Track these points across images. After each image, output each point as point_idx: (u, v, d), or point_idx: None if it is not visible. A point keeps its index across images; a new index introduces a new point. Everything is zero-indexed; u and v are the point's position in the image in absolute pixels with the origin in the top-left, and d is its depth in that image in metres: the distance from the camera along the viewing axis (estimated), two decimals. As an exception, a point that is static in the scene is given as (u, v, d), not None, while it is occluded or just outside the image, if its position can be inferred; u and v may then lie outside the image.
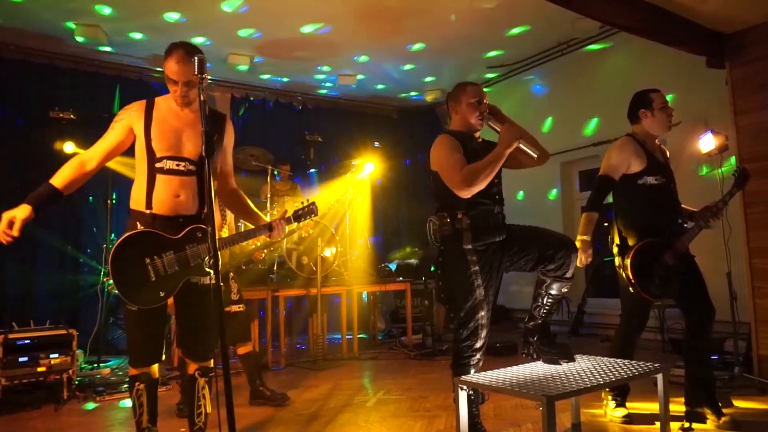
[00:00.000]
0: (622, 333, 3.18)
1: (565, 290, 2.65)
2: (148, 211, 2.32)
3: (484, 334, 2.60)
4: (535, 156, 2.61)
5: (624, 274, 3.03)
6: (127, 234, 2.30)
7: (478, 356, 2.63)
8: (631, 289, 3.00)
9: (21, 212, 2.21)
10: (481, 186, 2.52)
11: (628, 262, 3.00)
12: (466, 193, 2.52)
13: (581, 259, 2.93)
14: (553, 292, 2.64)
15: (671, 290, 3.04)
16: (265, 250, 4.19)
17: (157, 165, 2.32)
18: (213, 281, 2.32)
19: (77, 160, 2.36)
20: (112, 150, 2.38)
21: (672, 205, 3.11)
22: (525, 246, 2.64)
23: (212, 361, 2.50)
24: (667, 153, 3.27)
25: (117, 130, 2.36)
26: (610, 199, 3.23)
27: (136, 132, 2.35)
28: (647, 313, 3.17)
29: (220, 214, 3.76)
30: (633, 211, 3.10)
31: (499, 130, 2.64)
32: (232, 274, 3.79)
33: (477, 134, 2.80)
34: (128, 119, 2.36)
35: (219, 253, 2.38)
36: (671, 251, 3.01)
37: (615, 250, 3.16)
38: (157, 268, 2.29)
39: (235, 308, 3.70)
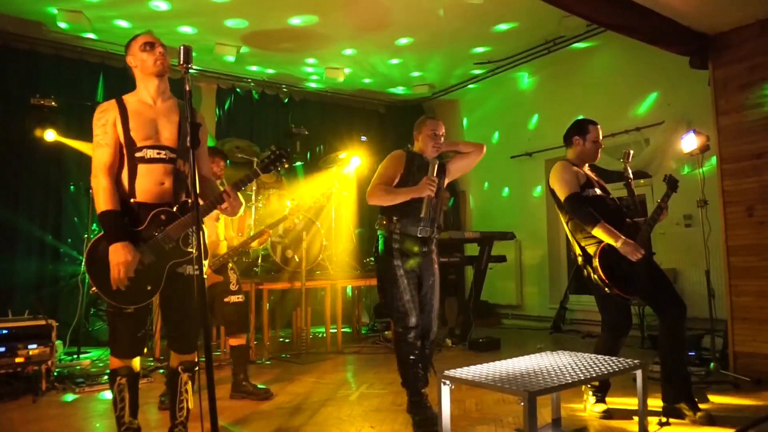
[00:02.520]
0: (607, 339, 3.22)
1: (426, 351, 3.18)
2: (132, 201, 2.31)
3: (414, 313, 3.04)
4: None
5: (596, 279, 3.09)
6: (92, 241, 2.30)
7: (413, 334, 3.05)
8: (607, 290, 3.04)
9: (128, 252, 2.20)
10: (378, 203, 3.12)
11: (597, 264, 3.06)
12: (368, 200, 3.12)
13: (635, 256, 3.02)
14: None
15: (641, 288, 3.12)
16: (270, 231, 4.18)
17: (138, 154, 2.32)
18: (197, 271, 2.33)
19: (104, 174, 2.29)
20: (117, 150, 2.34)
21: (618, 211, 3.27)
22: (426, 300, 3.17)
23: (196, 354, 2.49)
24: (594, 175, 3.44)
25: (110, 130, 2.33)
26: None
27: (116, 126, 2.33)
28: (629, 314, 3.22)
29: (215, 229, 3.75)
30: None
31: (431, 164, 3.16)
32: (231, 264, 3.77)
33: (432, 156, 3.27)
34: (110, 116, 2.34)
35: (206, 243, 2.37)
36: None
37: (579, 260, 3.23)
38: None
39: (233, 299, 3.69)
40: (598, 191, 3.27)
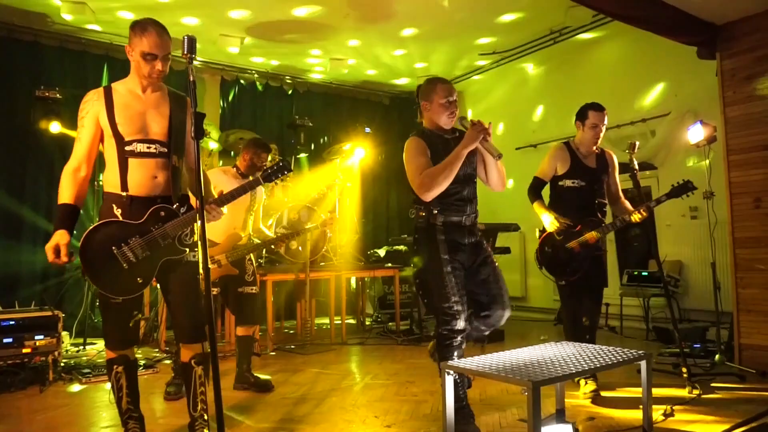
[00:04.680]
0: (564, 316, 3.67)
1: (485, 334, 2.95)
2: (124, 193, 2.30)
3: (462, 316, 2.66)
4: (495, 156, 2.67)
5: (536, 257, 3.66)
6: (89, 229, 2.30)
7: (459, 338, 2.68)
8: (536, 263, 3.64)
9: (61, 238, 2.24)
10: (439, 188, 2.62)
11: (538, 238, 3.63)
12: (427, 197, 2.64)
13: (553, 226, 3.50)
14: (474, 333, 2.85)
15: (577, 275, 3.43)
16: (287, 240, 4.22)
17: (128, 149, 2.30)
18: (198, 257, 2.33)
19: (68, 172, 2.34)
20: (93, 147, 2.36)
21: (588, 204, 3.49)
22: (481, 284, 2.79)
23: (205, 344, 2.46)
24: (614, 158, 3.63)
25: (88, 126, 2.32)
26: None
27: (100, 119, 2.31)
28: (575, 296, 3.49)
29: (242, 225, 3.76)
30: (554, 205, 3.57)
31: (465, 127, 2.73)
32: (250, 255, 3.77)
33: (448, 129, 2.84)
34: (93, 110, 2.31)
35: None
36: (576, 241, 3.44)
37: (537, 235, 3.73)
38: (126, 255, 2.27)
39: (247, 290, 3.70)
40: (572, 183, 3.48)
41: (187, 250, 2.36)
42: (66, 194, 2.32)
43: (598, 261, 3.48)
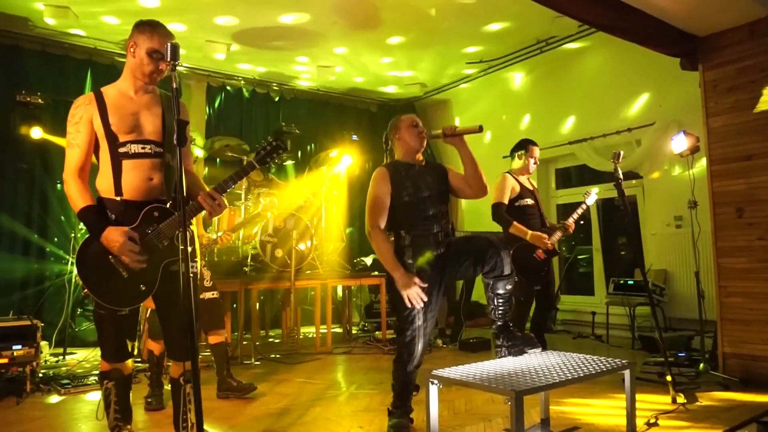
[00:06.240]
0: (516, 310, 3.91)
1: (509, 287, 2.75)
2: (118, 198, 2.21)
3: (421, 344, 2.80)
4: (477, 130, 2.77)
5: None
6: (81, 243, 2.22)
7: (415, 362, 2.83)
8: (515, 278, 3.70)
9: (116, 233, 2.14)
10: (374, 247, 2.85)
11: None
12: (368, 238, 2.85)
13: (550, 242, 4.08)
14: (499, 291, 2.75)
15: (541, 279, 4.12)
16: (233, 234, 4.16)
17: (121, 150, 2.22)
18: (192, 269, 2.26)
19: (72, 177, 2.22)
20: (89, 152, 2.26)
21: (539, 219, 4.27)
22: (459, 254, 2.82)
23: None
24: (535, 184, 4.47)
25: (83, 131, 2.23)
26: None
27: (94, 122, 2.23)
28: (531, 295, 4.16)
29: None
30: (519, 222, 4.13)
31: (438, 135, 2.86)
32: (202, 261, 3.74)
33: (420, 157, 3.03)
34: (86, 113, 2.23)
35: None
36: (540, 249, 4.08)
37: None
38: (124, 262, 2.19)
39: (208, 295, 3.66)
40: (529, 201, 4.24)
41: (188, 249, 2.30)
42: (80, 198, 2.19)
43: (551, 264, 4.22)
